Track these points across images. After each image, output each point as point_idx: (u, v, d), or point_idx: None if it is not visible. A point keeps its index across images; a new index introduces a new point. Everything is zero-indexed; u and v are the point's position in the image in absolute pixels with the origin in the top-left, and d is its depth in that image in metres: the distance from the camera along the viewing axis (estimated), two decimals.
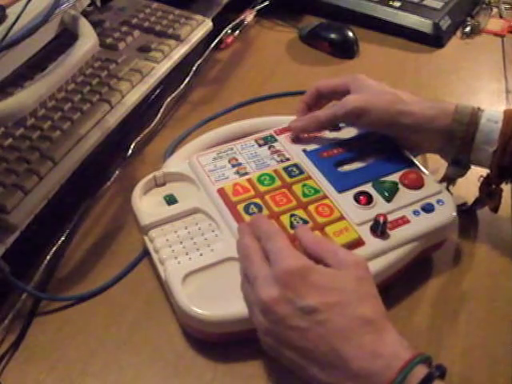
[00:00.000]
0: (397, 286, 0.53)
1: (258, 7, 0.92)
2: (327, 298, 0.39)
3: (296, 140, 0.60)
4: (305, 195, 0.53)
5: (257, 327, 0.42)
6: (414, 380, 0.36)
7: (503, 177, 0.55)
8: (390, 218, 0.51)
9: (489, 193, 0.57)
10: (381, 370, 0.37)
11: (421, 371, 0.37)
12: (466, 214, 0.60)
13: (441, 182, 0.57)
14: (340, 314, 0.39)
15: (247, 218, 0.51)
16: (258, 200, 0.53)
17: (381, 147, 0.59)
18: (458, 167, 0.56)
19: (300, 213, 0.52)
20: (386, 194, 0.53)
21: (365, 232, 0.51)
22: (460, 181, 0.58)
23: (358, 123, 0.59)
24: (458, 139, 0.54)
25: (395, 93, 0.57)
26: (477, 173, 0.57)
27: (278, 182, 0.55)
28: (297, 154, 0.58)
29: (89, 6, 0.71)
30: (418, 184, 0.55)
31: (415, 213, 0.53)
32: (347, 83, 0.59)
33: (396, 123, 0.55)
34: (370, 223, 0.51)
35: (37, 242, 0.55)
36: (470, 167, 0.56)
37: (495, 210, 0.58)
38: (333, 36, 0.86)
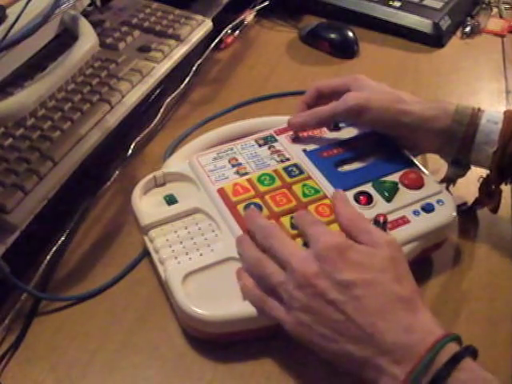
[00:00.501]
0: None
1: (258, 7, 0.92)
2: (364, 275, 0.41)
3: (296, 140, 0.60)
4: (305, 195, 0.53)
5: (289, 305, 0.43)
6: (445, 356, 0.37)
7: (503, 177, 0.55)
8: (390, 218, 0.51)
9: (488, 193, 0.57)
10: (414, 344, 0.38)
11: (453, 348, 0.38)
12: (466, 214, 0.60)
13: (441, 182, 0.57)
14: (376, 291, 0.40)
15: None
16: (258, 200, 0.53)
17: (381, 147, 0.59)
18: (457, 167, 0.57)
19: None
20: (386, 194, 0.53)
21: None
22: (460, 181, 0.58)
23: (358, 121, 0.58)
24: (457, 140, 0.54)
25: (395, 92, 0.57)
26: (477, 173, 0.57)
27: (278, 182, 0.55)
28: (297, 154, 0.58)
29: (89, 5, 0.72)
30: (418, 184, 0.55)
31: (415, 213, 0.53)
32: (347, 83, 0.59)
33: (396, 122, 0.55)
34: (370, 223, 0.51)
35: (37, 242, 0.55)
36: (470, 167, 0.56)
37: (495, 210, 0.58)
38: (333, 36, 0.86)
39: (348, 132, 0.61)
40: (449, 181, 0.58)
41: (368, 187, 0.54)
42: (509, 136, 0.52)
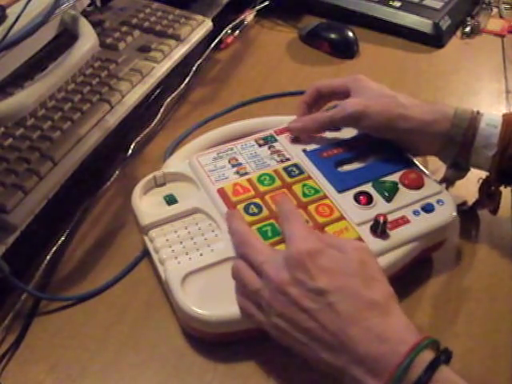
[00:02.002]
0: (397, 286, 0.52)
1: (258, 7, 0.92)
2: (335, 280, 0.40)
3: (296, 140, 0.60)
4: (305, 195, 0.53)
5: (267, 311, 0.42)
6: (420, 365, 0.36)
7: (503, 180, 0.55)
8: (390, 218, 0.51)
9: (488, 195, 0.57)
10: (387, 355, 0.37)
11: (427, 356, 0.37)
12: (466, 214, 0.60)
13: (440, 183, 0.57)
14: (348, 297, 0.39)
15: (247, 218, 0.51)
16: (258, 200, 0.53)
17: (381, 147, 0.58)
18: (456, 170, 0.57)
19: (300, 213, 0.52)
20: (386, 194, 0.53)
21: (365, 232, 0.51)
22: (460, 181, 0.58)
23: (357, 127, 0.59)
24: (457, 143, 0.54)
25: (394, 96, 0.57)
26: (477, 174, 0.57)
27: (278, 182, 0.55)
28: (297, 154, 0.58)
29: (89, 5, 0.72)
30: (418, 184, 0.55)
31: (415, 213, 0.53)
32: (347, 84, 0.59)
33: (395, 127, 0.55)
34: (370, 223, 0.51)
35: (37, 242, 0.55)
36: (468, 170, 0.57)
37: (494, 212, 0.58)
38: (333, 36, 0.86)
39: (348, 132, 0.61)
40: (447, 182, 0.58)
41: (368, 187, 0.54)
42: (508, 139, 0.52)
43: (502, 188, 0.57)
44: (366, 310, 0.39)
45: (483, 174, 0.56)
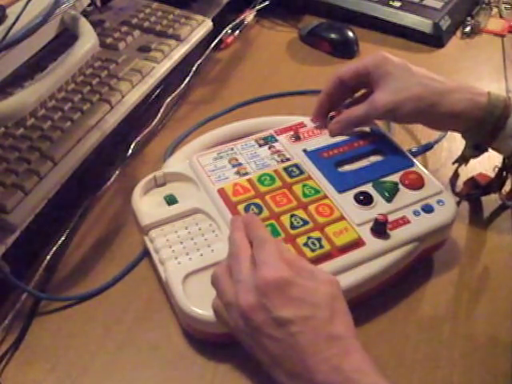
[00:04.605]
0: (397, 286, 0.53)
1: (258, 7, 0.92)
2: (301, 312, 0.40)
3: (296, 140, 0.60)
4: (305, 195, 0.53)
5: (232, 325, 0.43)
6: None
7: None
8: (391, 218, 0.51)
9: (502, 183, 0.58)
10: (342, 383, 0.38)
11: None
12: (475, 200, 0.61)
13: (455, 162, 0.57)
14: (312, 329, 0.39)
15: None
16: (258, 200, 0.53)
17: (381, 147, 0.59)
18: (476, 150, 0.57)
19: (300, 213, 0.52)
20: (387, 194, 0.53)
21: (365, 232, 0.51)
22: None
23: (390, 121, 0.59)
24: (486, 130, 0.54)
25: (422, 81, 0.55)
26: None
27: (278, 182, 0.55)
28: (297, 154, 0.58)
29: (89, 5, 0.71)
30: (418, 184, 0.55)
31: (415, 213, 0.53)
32: (369, 67, 0.57)
33: (425, 117, 0.56)
34: (371, 223, 0.51)
35: (37, 242, 0.55)
36: (487, 151, 0.57)
37: (509, 198, 0.59)
38: (333, 36, 0.86)
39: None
40: (463, 160, 0.58)
41: (368, 187, 0.54)
42: None
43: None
44: (328, 343, 0.39)
45: (498, 163, 0.57)
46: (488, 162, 0.61)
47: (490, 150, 0.57)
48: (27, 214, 0.53)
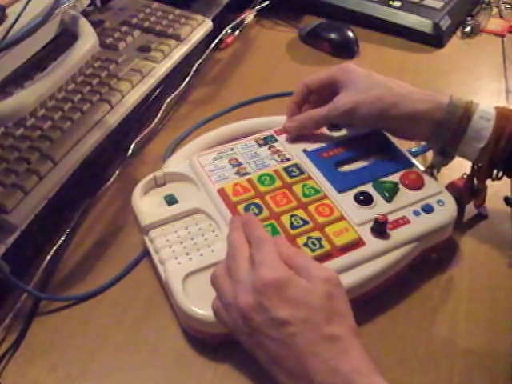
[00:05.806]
0: (397, 286, 0.53)
1: (258, 7, 0.92)
2: (298, 313, 0.40)
3: (296, 140, 0.60)
4: (305, 195, 0.53)
5: (231, 325, 0.43)
6: None
7: (491, 173, 0.56)
8: (391, 218, 0.51)
9: (472, 190, 0.58)
10: None
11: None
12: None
13: (427, 169, 0.57)
14: (309, 329, 0.39)
15: None
16: (258, 200, 0.53)
17: (381, 147, 0.59)
18: (443, 157, 0.57)
19: (300, 213, 0.52)
20: (387, 195, 0.53)
21: (365, 232, 0.51)
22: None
23: (352, 122, 0.59)
24: (448, 132, 0.54)
25: (385, 84, 0.56)
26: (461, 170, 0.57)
27: (278, 183, 0.55)
28: (297, 154, 0.58)
29: (89, 6, 0.72)
30: (418, 184, 0.55)
31: (415, 213, 0.53)
32: (335, 76, 0.59)
33: (387, 117, 0.55)
34: (371, 223, 0.51)
35: (37, 242, 0.55)
36: (454, 158, 0.57)
37: (479, 206, 0.59)
38: (333, 36, 0.86)
39: (348, 132, 0.61)
40: (433, 168, 0.58)
41: (368, 187, 0.54)
42: (500, 132, 0.53)
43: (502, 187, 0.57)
44: (325, 343, 0.39)
45: (467, 170, 0.57)
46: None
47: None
48: (27, 214, 0.53)
